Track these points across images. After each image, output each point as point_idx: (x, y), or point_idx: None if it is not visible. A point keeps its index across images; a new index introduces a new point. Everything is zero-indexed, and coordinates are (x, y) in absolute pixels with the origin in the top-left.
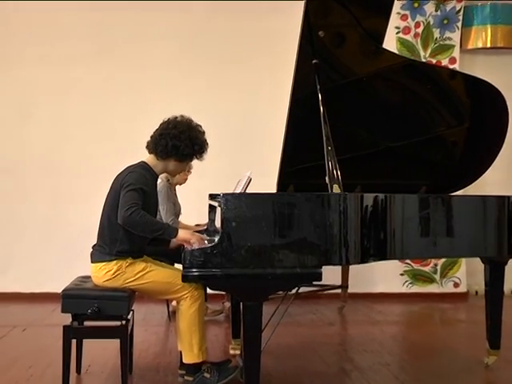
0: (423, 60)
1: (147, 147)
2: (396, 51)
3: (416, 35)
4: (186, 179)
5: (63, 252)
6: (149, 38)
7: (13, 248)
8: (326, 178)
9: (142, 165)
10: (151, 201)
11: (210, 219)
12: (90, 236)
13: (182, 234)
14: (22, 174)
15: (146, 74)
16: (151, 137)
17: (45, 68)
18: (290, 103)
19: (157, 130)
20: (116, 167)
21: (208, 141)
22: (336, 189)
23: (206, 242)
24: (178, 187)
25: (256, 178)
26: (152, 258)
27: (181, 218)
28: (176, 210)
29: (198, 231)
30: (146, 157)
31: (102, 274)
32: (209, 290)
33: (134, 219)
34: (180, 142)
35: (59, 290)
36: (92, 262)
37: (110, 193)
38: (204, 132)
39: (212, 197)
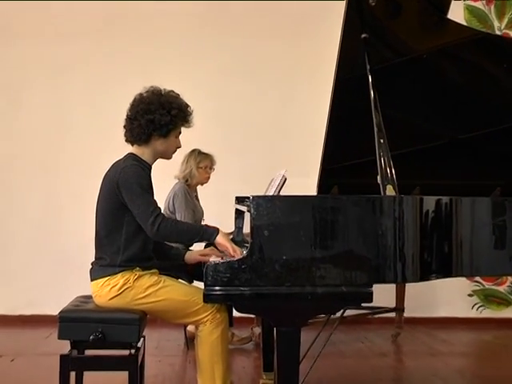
0: (497, 33)
1: (126, 140)
2: (464, 22)
3: (489, 2)
4: (209, 177)
5: (59, 266)
6: (160, 11)
7: None
8: (378, 178)
9: (131, 156)
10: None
11: (236, 227)
12: (92, 247)
13: (222, 238)
14: (9, 172)
15: (158, 53)
16: (124, 126)
17: (38, 45)
18: (333, 87)
19: (126, 115)
20: None
21: (233, 132)
22: (390, 190)
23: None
24: (199, 187)
25: (292, 178)
26: (166, 274)
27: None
28: (197, 217)
29: None
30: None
31: (106, 291)
32: (235, 313)
33: (164, 232)
34: (152, 113)
35: (55, 312)
36: (92, 279)
37: (101, 196)
38: (178, 95)
39: (239, 200)
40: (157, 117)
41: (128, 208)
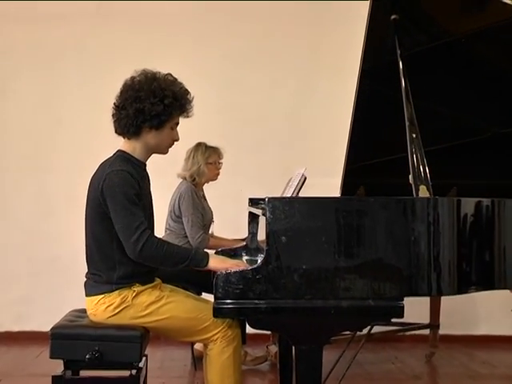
0: None
1: (116, 132)
2: (508, 1)
3: None
4: (218, 174)
5: (51, 276)
6: None
7: None
8: (410, 177)
9: (120, 155)
10: (147, 203)
11: (250, 233)
12: None
13: (215, 261)
14: None
15: (161, 39)
16: (112, 115)
17: (26, 28)
18: (358, 76)
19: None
20: None
21: (246, 127)
22: (423, 191)
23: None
24: (205, 186)
25: (313, 177)
26: (171, 284)
27: (214, 229)
28: (206, 220)
29: (235, 249)
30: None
31: (101, 309)
32: (248, 329)
33: (149, 253)
34: (142, 102)
35: (46, 329)
36: (87, 295)
37: (88, 204)
38: (175, 79)
39: (253, 202)
40: (147, 106)
41: None
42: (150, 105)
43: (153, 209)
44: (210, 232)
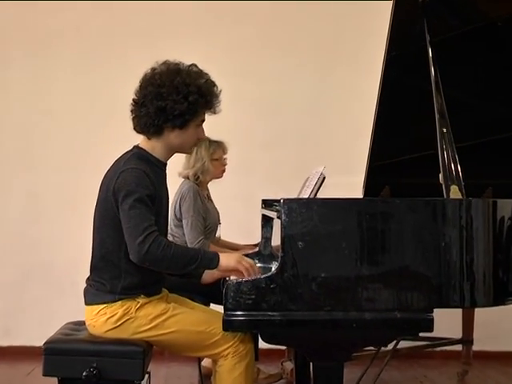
0: None
1: (134, 128)
2: None
3: None
4: (224, 171)
5: (43, 285)
6: None
7: None
8: (440, 176)
9: (137, 152)
10: (161, 205)
11: (263, 237)
12: (84, 263)
13: (226, 260)
14: None
15: (165, 23)
16: (131, 111)
17: (17, 11)
18: (383, 64)
19: (132, 99)
20: None
21: (258, 120)
22: (455, 192)
23: (260, 272)
24: (210, 185)
25: (332, 176)
26: (177, 294)
27: (221, 233)
28: (211, 223)
29: (246, 256)
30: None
31: (102, 321)
32: (262, 344)
33: (153, 255)
34: (164, 100)
35: (39, 343)
36: (86, 303)
37: (98, 204)
38: (201, 71)
39: (267, 204)
40: (169, 104)
41: None
42: (173, 103)
43: (168, 213)
44: (216, 235)
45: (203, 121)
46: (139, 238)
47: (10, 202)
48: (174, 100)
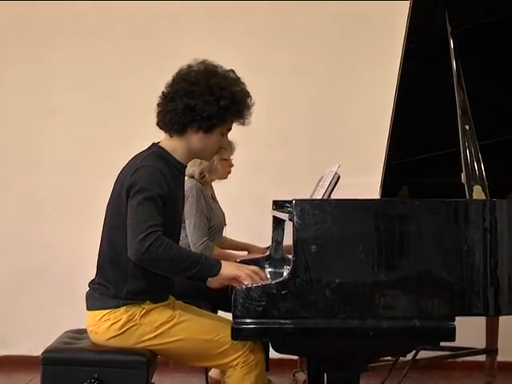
0: None
1: (157, 123)
2: None
3: None
4: (229, 172)
5: (41, 292)
6: None
7: None
8: (462, 176)
9: (157, 151)
10: (175, 208)
11: (274, 241)
12: (84, 268)
13: (228, 268)
14: None
15: (170, 13)
16: (157, 105)
17: (14, 4)
18: (402, 56)
19: (162, 92)
20: (128, 158)
21: (269, 116)
22: (478, 192)
23: (268, 277)
24: (218, 185)
25: (348, 176)
26: (183, 300)
27: (227, 235)
28: (215, 224)
29: (256, 260)
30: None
31: (104, 327)
32: (273, 354)
33: (153, 255)
34: (195, 98)
35: (37, 353)
36: (89, 308)
37: (110, 202)
38: (238, 79)
39: (278, 205)
40: (199, 104)
41: None
42: (204, 103)
43: (181, 218)
44: (222, 236)
45: (229, 130)
46: (141, 235)
47: (6, 203)
48: (206, 101)
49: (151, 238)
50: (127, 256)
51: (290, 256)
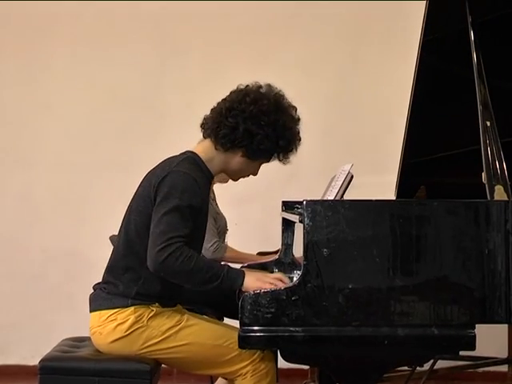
0: None
1: (202, 126)
2: None
3: None
4: None
5: (38, 298)
6: None
7: None
8: (483, 175)
9: (192, 157)
10: (201, 220)
11: (284, 244)
12: (82, 274)
13: (251, 279)
14: None
15: (174, 6)
16: (212, 110)
17: None
18: (419, 48)
19: (224, 100)
20: (130, 157)
21: None
22: (500, 193)
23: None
24: (222, 185)
25: (361, 175)
26: (187, 306)
27: (229, 241)
28: (220, 227)
29: (265, 264)
30: (198, 143)
31: (110, 328)
32: (282, 363)
33: (170, 266)
34: (259, 127)
35: (34, 362)
36: (93, 309)
37: (134, 201)
38: (298, 118)
39: (288, 206)
40: (261, 136)
41: None
42: (265, 136)
43: (205, 230)
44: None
45: (268, 161)
46: (160, 246)
47: (0, 204)
48: (268, 136)
49: (170, 248)
50: (143, 257)
51: (301, 260)
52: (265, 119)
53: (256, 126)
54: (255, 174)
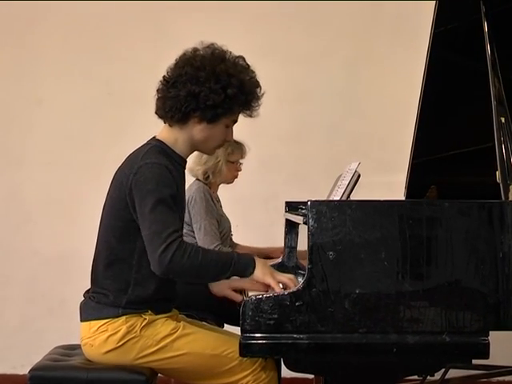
0: None
1: (156, 111)
2: None
3: None
4: (236, 176)
5: (28, 305)
6: None
7: None
8: (497, 174)
9: (156, 145)
10: (183, 208)
11: (287, 246)
12: (74, 278)
13: (262, 271)
14: None
15: None
16: (157, 91)
17: None
18: (430, 41)
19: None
20: (126, 155)
21: (282, 107)
22: None
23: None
24: (223, 186)
25: (369, 174)
26: (184, 312)
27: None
28: (224, 229)
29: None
30: (160, 129)
31: (101, 339)
32: (285, 372)
33: (178, 265)
34: (200, 84)
35: (24, 371)
36: (83, 319)
37: (107, 203)
38: (248, 66)
39: (291, 207)
40: (204, 91)
41: None
42: (209, 91)
43: (185, 209)
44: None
45: (235, 122)
46: (161, 247)
47: None
48: (211, 88)
49: (172, 247)
50: (131, 262)
51: (305, 263)
52: (202, 74)
53: (196, 84)
54: (229, 138)
